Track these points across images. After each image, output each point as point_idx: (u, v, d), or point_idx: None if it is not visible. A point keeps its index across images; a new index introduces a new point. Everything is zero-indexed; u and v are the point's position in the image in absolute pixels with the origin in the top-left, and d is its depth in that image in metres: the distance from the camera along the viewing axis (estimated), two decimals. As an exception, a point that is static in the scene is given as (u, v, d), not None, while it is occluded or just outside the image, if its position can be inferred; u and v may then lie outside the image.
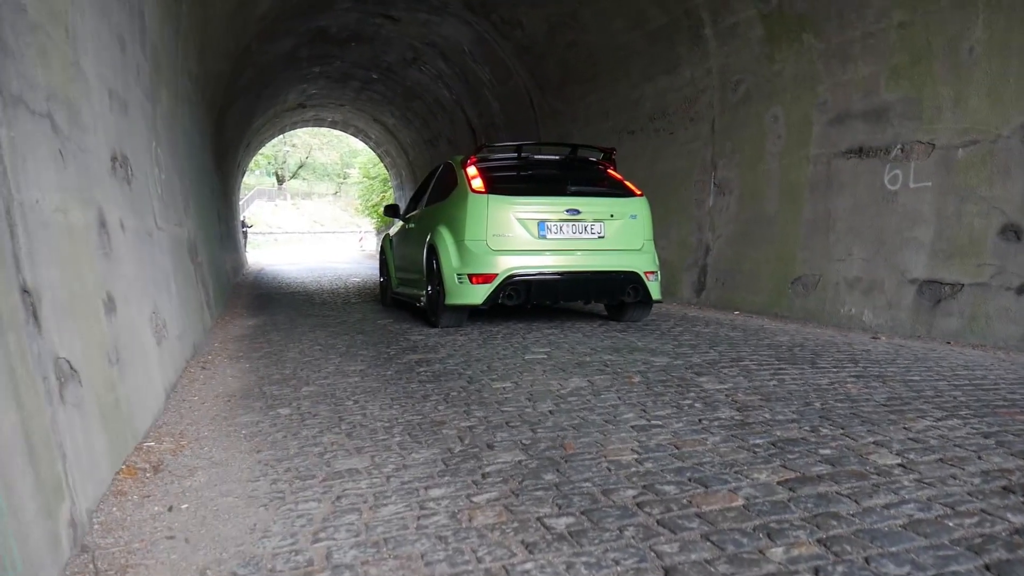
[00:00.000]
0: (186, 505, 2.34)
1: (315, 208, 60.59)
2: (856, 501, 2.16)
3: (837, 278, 6.97)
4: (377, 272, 19.61)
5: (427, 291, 6.78)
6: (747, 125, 8.40)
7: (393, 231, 8.94)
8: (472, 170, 6.41)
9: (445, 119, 19.10)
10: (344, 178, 57.97)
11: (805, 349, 5.22)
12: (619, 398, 3.61)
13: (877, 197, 6.64)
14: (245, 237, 29.11)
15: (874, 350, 5.25)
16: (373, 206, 33.60)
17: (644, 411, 3.33)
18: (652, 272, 6.37)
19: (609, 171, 6.93)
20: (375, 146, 27.22)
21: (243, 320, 7.94)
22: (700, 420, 3.15)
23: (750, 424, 3.06)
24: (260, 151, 32.69)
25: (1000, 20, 5.62)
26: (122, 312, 3.21)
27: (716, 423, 3.10)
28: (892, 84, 6.53)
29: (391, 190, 29.63)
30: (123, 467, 2.66)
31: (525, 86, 14.02)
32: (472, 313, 6.58)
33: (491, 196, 6.09)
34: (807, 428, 2.99)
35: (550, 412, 3.36)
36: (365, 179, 34.90)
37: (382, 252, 9.29)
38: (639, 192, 6.59)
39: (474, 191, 6.16)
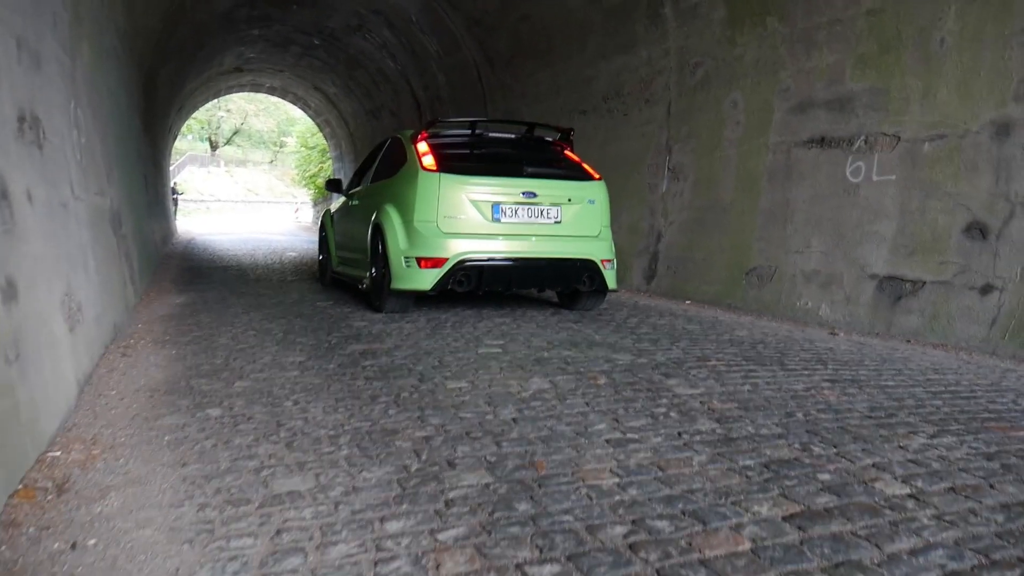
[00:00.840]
0: (94, 540, 1.96)
1: (250, 176, 58.94)
2: (877, 545, 1.91)
3: (794, 270, 6.82)
4: (314, 247, 19.07)
5: (371, 273, 6.39)
6: (705, 110, 8.18)
7: (334, 207, 8.49)
8: (423, 146, 6.02)
9: (389, 90, 18.52)
10: (280, 147, 56.55)
11: (768, 347, 5.03)
12: (587, 404, 3.32)
13: (838, 189, 6.48)
14: (175, 204, 28.03)
15: (837, 348, 5.08)
16: (311, 176, 32.71)
17: (616, 421, 3.05)
18: (609, 260, 6.11)
19: (566, 152, 6.62)
20: (315, 115, 26.41)
21: (171, 297, 7.42)
22: (680, 434, 2.88)
23: (735, 440, 2.80)
24: (193, 115, 31.45)
25: (973, 11, 5.47)
26: (26, 298, 2.77)
27: (698, 438, 2.83)
28: (858, 73, 6.36)
29: (330, 161, 28.86)
30: (20, 487, 2.26)
31: (474, 59, 13.59)
32: (419, 298, 6.21)
33: (443, 175, 5.72)
34: (797, 446, 2.75)
35: (513, 420, 3.05)
36: (303, 148, 33.91)
37: (322, 228, 8.82)
38: (597, 176, 6.30)
39: (425, 169, 5.78)
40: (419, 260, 5.66)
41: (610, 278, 6.10)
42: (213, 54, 17.19)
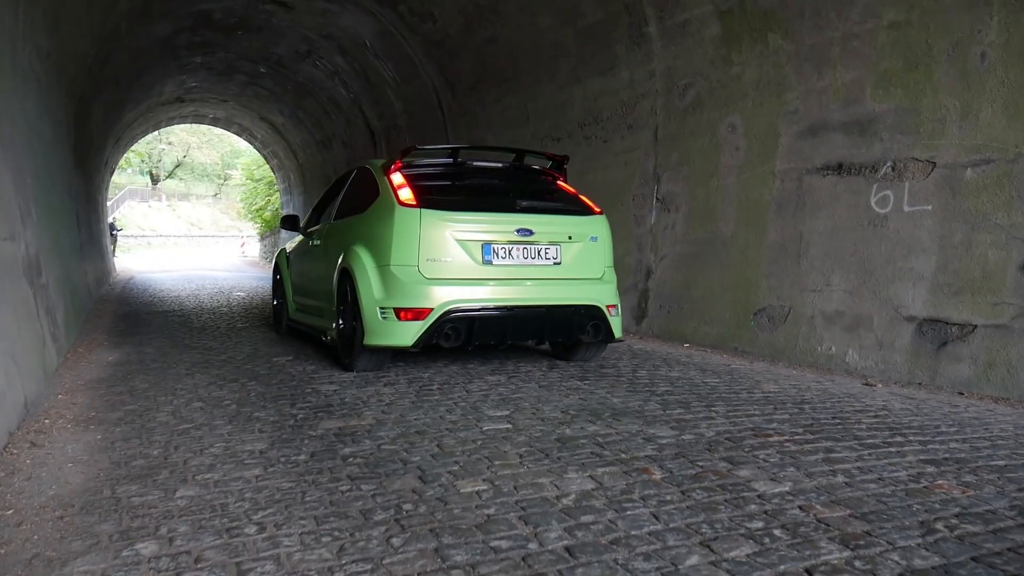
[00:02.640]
0: None
1: (193, 210, 57.17)
2: None
3: (812, 311, 6.12)
4: (264, 285, 17.95)
5: (338, 325, 5.50)
6: (697, 134, 7.50)
7: (291, 246, 7.57)
8: (398, 177, 5.18)
9: (340, 119, 17.65)
10: (225, 180, 55.03)
11: (817, 408, 4.27)
12: (654, 516, 2.50)
13: (862, 220, 5.82)
14: (114, 240, 26.64)
15: (892, 407, 4.35)
16: (257, 210, 31.52)
17: (709, 549, 2.23)
18: (614, 306, 5.32)
19: (559, 183, 5.85)
20: (261, 146, 25.37)
21: (102, 353, 6.42)
22: (808, 572, 2.08)
23: (889, 581, 2.01)
24: (132, 148, 30.11)
25: (1021, 21, 4.86)
26: None
27: (836, 579, 2.03)
28: (881, 92, 5.73)
29: (277, 194, 27.81)
30: None
31: (434, 85, 12.83)
32: (395, 353, 5.33)
33: (424, 211, 4.88)
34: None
35: (568, 551, 2.21)
36: (249, 181, 32.69)
37: (276, 270, 7.88)
38: (598, 209, 5.53)
39: (402, 204, 4.93)
40: (397, 311, 4.80)
41: (616, 326, 5.31)
42: (152, 83, 16.15)
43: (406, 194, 4.98)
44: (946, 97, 5.29)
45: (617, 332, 5.33)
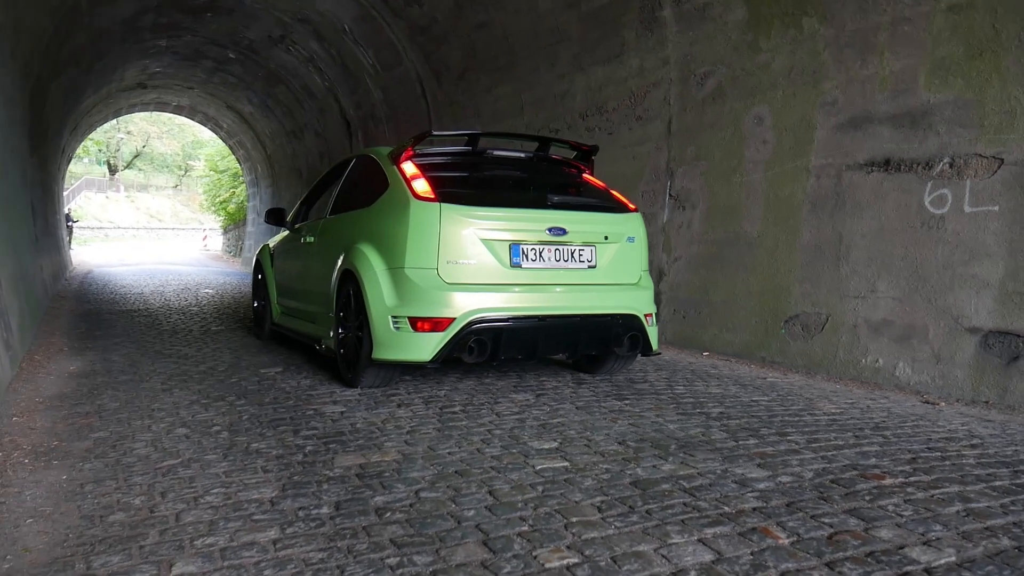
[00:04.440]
0: None
1: (152, 202, 55.53)
2: None
3: (854, 319, 5.61)
4: (231, 281, 17.05)
5: (337, 334, 4.86)
6: (718, 127, 6.96)
7: (275, 242, 6.87)
8: (411, 167, 4.54)
9: (314, 109, 16.87)
10: (186, 171, 53.52)
11: (897, 435, 3.74)
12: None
13: (914, 222, 5.31)
14: (70, 232, 25.51)
15: (980, 434, 3.83)
16: (221, 202, 30.47)
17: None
18: (651, 314, 4.75)
19: (585, 176, 5.25)
20: (227, 136, 24.41)
21: (63, 362, 5.71)
22: None
23: None
24: (90, 136, 28.89)
25: (1110, 3, 4.38)
26: None
27: None
28: (937, 82, 5.22)
29: (243, 186, 26.85)
30: None
31: (418, 73, 12.16)
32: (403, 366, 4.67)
33: (445, 206, 4.24)
34: None
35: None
36: (212, 172, 31.59)
37: (258, 268, 7.16)
38: (633, 207, 4.94)
39: (419, 197, 4.29)
40: (413, 321, 4.17)
41: (654, 337, 4.74)
42: (114, 66, 15.22)
43: (422, 186, 4.35)
44: (1016, 88, 4.79)
45: (654, 344, 4.75)
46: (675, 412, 4.12)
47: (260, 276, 7.03)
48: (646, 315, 4.67)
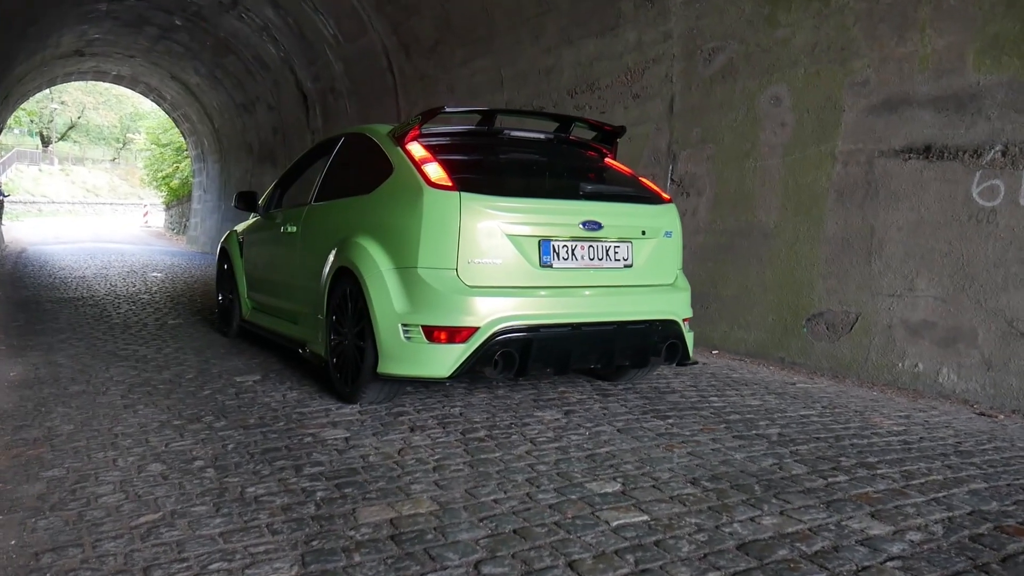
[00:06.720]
0: None
1: (89, 176, 53.18)
2: None
3: (889, 319, 5.17)
4: (177, 261, 16.08)
5: (329, 340, 4.22)
6: (728, 107, 6.44)
7: (244, 228, 6.15)
8: (419, 149, 3.91)
9: (267, 81, 15.94)
10: (124, 144, 51.35)
11: (986, 460, 3.29)
12: None
13: (959, 215, 4.88)
14: (0, 207, 24.03)
15: (1075, 460, 3.41)
16: (163, 177, 29.11)
17: None
18: (689, 319, 4.22)
19: (607, 160, 4.68)
20: (171, 109, 23.18)
21: (1, 365, 4.96)
22: None
23: None
24: (22, 106, 27.25)
25: None
26: None
27: None
28: (988, 62, 4.77)
29: (188, 161, 25.62)
30: None
31: (384, 45, 11.40)
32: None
33: (464, 195, 3.63)
34: None
35: None
36: (154, 146, 30.12)
37: (223, 257, 6.43)
38: (667, 196, 4.39)
39: (433, 185, 3.67)
40: (428, 331, 3.56)
41: (690, 344, 4.21)
42: (48, 31, 14.08)
43: (435, 172, 3.72)
44: (1083, 68, 4.36)
45: (691, 351, 4.23)
46: (730, 435, 3.61)
47: (227, 266, 6.30)
48: (684, 320, 4.13)
